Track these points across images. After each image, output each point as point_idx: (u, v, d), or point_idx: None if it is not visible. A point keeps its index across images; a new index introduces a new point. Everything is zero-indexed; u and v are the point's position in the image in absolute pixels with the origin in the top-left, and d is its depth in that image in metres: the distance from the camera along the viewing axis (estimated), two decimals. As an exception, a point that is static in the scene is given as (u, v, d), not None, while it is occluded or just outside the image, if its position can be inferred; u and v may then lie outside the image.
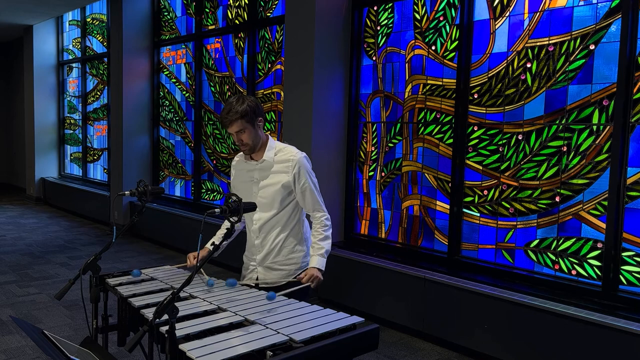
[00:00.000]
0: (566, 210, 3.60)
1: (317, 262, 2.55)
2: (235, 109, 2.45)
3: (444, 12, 4.24)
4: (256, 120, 2.51)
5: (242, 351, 1.76)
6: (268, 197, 2.59)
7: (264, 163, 2.59)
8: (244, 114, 2.46)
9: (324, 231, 2.61)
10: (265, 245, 2.65)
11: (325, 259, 2.58)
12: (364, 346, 2.04)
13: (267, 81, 5.86)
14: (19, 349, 3.79)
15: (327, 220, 2.63)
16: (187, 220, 6.50)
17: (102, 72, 9.05)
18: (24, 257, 6.35)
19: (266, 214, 2.62)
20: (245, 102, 2.48)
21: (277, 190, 2.57)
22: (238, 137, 2.53)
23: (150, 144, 7.82)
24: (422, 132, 4.43)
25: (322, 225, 2.61)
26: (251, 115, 2.48)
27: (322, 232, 2.61)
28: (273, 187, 2.58)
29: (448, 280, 3.90)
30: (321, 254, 2.57)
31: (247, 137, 2.51)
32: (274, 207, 2.60)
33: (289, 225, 2.64)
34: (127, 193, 2.59)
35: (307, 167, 2.59)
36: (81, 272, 2.33)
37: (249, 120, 2.48)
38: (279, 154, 2.59)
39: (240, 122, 2.46)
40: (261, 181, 2.61)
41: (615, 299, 3.31)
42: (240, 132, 2.49)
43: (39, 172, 10.43)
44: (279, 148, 2.61)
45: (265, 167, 2.59)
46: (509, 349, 3.57)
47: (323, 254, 2.57)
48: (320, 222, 2.62)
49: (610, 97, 3.36)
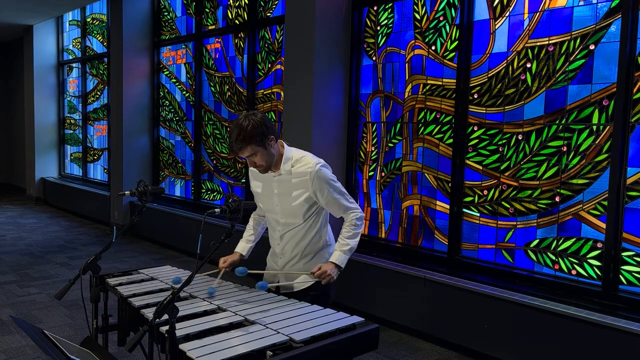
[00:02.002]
0: (566, 210, 3.60)
1: (337, 257, 2.47)
2: (242, 135, 2.31)
3: (444, 12, 4.24)
4: (266, 140, 2.36)
5: (242, 351, 1.76)
6: (289, 209, 2.51)
7: (281, 176, 2.48)
8: (252, 139, 2.31)
9: (352, 229, 2.52)
10: (286, 253, 2.61)
11: (347, 256, 2.49)
12: (364, 346, 2.04)
13: (267, 81, 5.86)
14: (19, 349, 3.79)
15: (357, 220, 2.53)
16: (187, 220, 6.50)
17: (102, 72, 9.05)
18: (24, 257, 6.35)
19: (288, 225, 2.55)
20: (250, 123, 2.32)
21: (298, 204, 2.48)
22: (250, 160, 2.41)
23: (150, 144, 7.82)
24: (422, 132, 4.43)
25: (352, 224, 2.52)
26: (260, 137, 2.33)
27: (351, 230, 2.52)
28: (294, 201, 2.48)
29: (448, 280, 3.90)
30: (343, 250, 2.48)
31: (260, 159, 2.39)
32: (295, 219, 2.53)
33: (310, 234, 2.56)
34: (127, 193, 2.59)
35: (326, 178, 2.45)
36: (81, 272, 2.34)
37: (258, 143, 2.33)
38: (296, 165, 2.47)
39: (250, 147, 2.33)
40: (281, 194, 2.51)
41: (615, 299, 3.31)
42: (252, 155, 2.38)
43: (39, 172, 10.43)
44: (296, 158, 2.48)
45: (283, 180, 2.49)
46: (509, 349, 3.57)
47: (346, 251, 2.48)
48: (350, 222, 2.53)
49: (610, 97, 3.36)
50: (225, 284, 2.57)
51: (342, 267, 2.48)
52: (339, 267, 2.47)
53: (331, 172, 2.50)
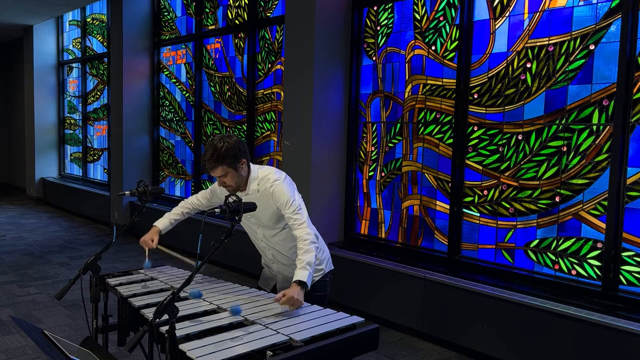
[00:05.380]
0: (566, 210, 3.60)
1: (300, 275, 2.31)
2: (216, 155, 2.42)
3: (444, 12, 4.24)
4: (238, 163, 2.48)
5: (242, 351, 1.76)
6: (263, 222, 2.61)
7: (248, 195, 2.57)
8: (224, 159, 2.43)
9: (304, 245, 2.42)
10: (277, 258, 2.70)
11: (308, 271, 2.33)
12: (364, 346, 2.04)
13: (267, 81, 5.86)
14: (19, 349, 3.79)
15: (307, 235, 2.45)
16: (187, 220, 6.49)
17: (102, 72, 9.05)
18: (24, 257, 6.35)
19: (268, 234, 2.65)
20: (224, 145, 2.43)
21: (269, 217, 2.58)
22: (220, 180, 2.52)
23: (150, 144, 7.82)
24: (422, 132, 4.43)
25: (302, 240, 2.44)
26: (232, 159, 2.45)
27: (303, 247, 2.42)
28: (264, 216, 2.58)
29: (448, 280, 3.90)
30: (303, 267, 2.34)
31: (230, 179, 2.50)
32: (273, 230, 2.62)
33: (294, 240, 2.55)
34: (127, 193, 2.59)
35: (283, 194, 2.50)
36: (81, 272, 2.34)
37: (230, 164, 2.45)
38: (261, 183, 2.56)
39: (221, 167, 2.45)
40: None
41: (615, 299, 3.31)
42: (223, 176, 2.48)
43: (39, 172, 10.43)
44: (261, 177, 2.58)
45: (251, 198, 2.54)
46: (509, 348, 3.57)
47: (304, 266, 2.34)
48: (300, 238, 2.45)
49: (610, 97, 3.36)
50: (225, 284, 2.57)
51: (307, 284, 2.31)
52: (304, 285, 2.29)
53: (291, 187, 2.56)
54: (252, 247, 2.88)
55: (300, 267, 2.35)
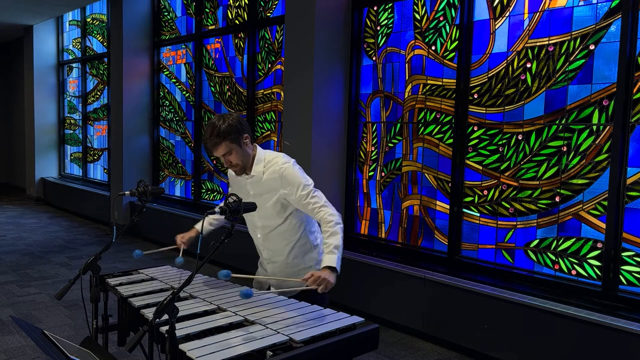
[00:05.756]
0: (566, 210, 3.60)
1: (327, 260, 2.28)
2: (217, 132, 2.33)
3: (444, 12, 4.24)
4: (241, 138, 2.38)
5: (242, 351, 1.76)
6: (264, 211, 2.50)
7: (253, 178, 2.48)
8: (227, 135, 2.33)
9: (329, 227, 2.35)
10: (273, 258, 2.60)
11: (336, 254, 2.29)
12: (364, 346, 2.04)
13: (267, 81, 5.86)
14: (19, 349, 3.79)
15: (330, 216, 2.37)
16: (187, 220, 6.50)
17: (102, 72, 9.05)
18: (24, 257, 6.35)
19: (267, 227, 2.54)
20: (226, 121, 2.34)
21: (272, 204, 2.47)
22: (226, 159, 2.41)
23: (150, 144, 7.82)
24: (422, 132, 4.43)
25: (326, 222, 2.37)
26: (235, 134, 2.35)
27: (327, 229, 2.36)
28: (267, 202, 2.47)
29: (448, 280, 3.90)
30: (329, 251, 2.30)
31: (235, 157, 2.40)
32: (273, 220, 2.51)
33: (294, 237, 2.53)
34: (127, 193, 2.59)
35: (295, 177, 2.41)
36: (81, 272, 2.33)
37: (233, 139, 2.35)
38: (267, 166, 2.46)
39: (224, 144, 2.35)
40: (255, 196, 2.49)
41: (615, 299, 3.31)
42: (227, 154, 2.38)
43: (39, 172, 10.43)
44: (268, 159, 2.47)
45: (256, 181, 2.48)
46: (509, 349, 3.57)
47: (331, 250, 2.30)
48: (324, 220, 2.38)
49: (610, 97, 3.36)
50: (225, 284, 2.57)
51: (337, 268, 2.28)
52: (333, 269, 2.26)
53: (301, 172, 2.45)
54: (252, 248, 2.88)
55: (328, 252, 2.29)
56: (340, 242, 2.33)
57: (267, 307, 2.20)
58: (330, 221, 2.36)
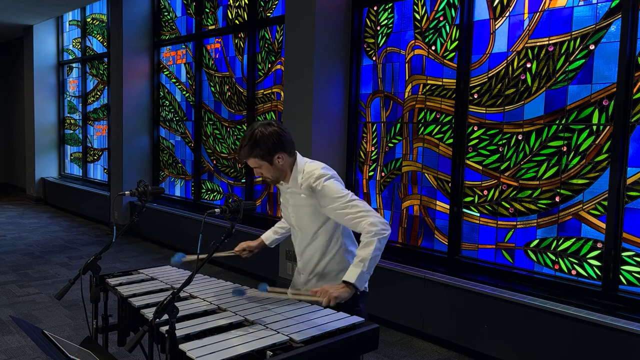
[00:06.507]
0: (566, 210, 3.60)
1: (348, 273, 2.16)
2: (248, 145, 2.23)
3: (444, 12, 4.24)
4: (274, 156, 2.26)
5: (242, 351, 1.76)
6: (301, 221, 2.44)
7: (292, 189, 2.41)
8: (254, 151, 2.24)
9: (365, 238, 2.21)
10: (307, 269, 2.52)
11: (360, 269, 2.15)
12: (364, 346, 2.04)
13: (267, 81, 5.86)
14: (19, 349, 3.79)
15: (370, 226, 2.20)
16: (187, 220, 6.50)
17: (102, 72, 9.05)
18: (24, 257, 6.35)
19: (304, 238, 2.47)
20: (258, 134, 2.22)
21: (308, 217, 2.39)
22: (257, 171, 2.34)
23: (150, 144, 7.82)
24: (422, 132, 4.43)
25: (365, 232, 2.21)
26: (264, 152, 2.23)
27: (364, 239, 2.21)
28: (304, 212, 2.40)
29: (448, 280, 3.90)
30: (355, 264, 2.17)
31: (266, 172, 2.33)
32: (310, 231, 2.43)
33: (330, 252, 2.44)
34: (127, 193, 2.58)
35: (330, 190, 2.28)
36: (81, 272, 2.33)
37: (262, 157, 2.25)
38: (305, 177, 2.35)
39: (252, 159, 2.27)
40: (294, 206, 2.44)
41: (615, 299, 3.31)
42: (257, 167, 2.32)
43: (39, 172, 10.43)
44: (307, 170, 2.35)
45: (295, 192, 2.41)
46: (509, 348, 3.57)
47: (357, 263, 2.17)
48: (364, 231, 2.22)
49: (610, 97, 3.36)
50: (225, 283, 2.57)
51: (355, 283, 2.13)
52: (350, 284, 2.13)
53: (338, 182, 2.35)
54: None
55: (354, 264, 2.18)
56: (369, 254, 2.17)
57: (267, 307, 2.20)
58: (369, 231, 2.20)
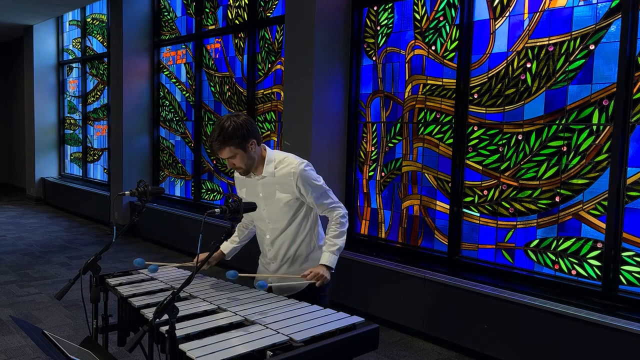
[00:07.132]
0: (566, 210, 3.60)
1: (327, 259, 2.46)
2: (222, 135, 2.30)
3: (444, 12, 4.24)
4: (247, 143, 2.36)
5: (242, 351, 1.76)
6: (275, 213, 2.52)
7: (265, 179, 2.48)
8: (231, 139, 2.31)
9: (338, 227, 2.51)
10: (278, 257, 2.60)
11: (336, 256, 2.49)
12: (364, 346, 2.04)
13: (267, 81, 5.86)
14: (19, 349, 3.79)
15: (342, 218, 2.53)
16: (187, 220, 6.50)
17: (102, 72, 9.05)
18: (24, 257, 6.35)
19: (276, 229, 2.55)
20: (232, 124, 2.31)
21: (283, 206, 2.49)
22: (229, 162, 2.41)
23: (150, 144, 7.82)
24: (422, 132, 4.43)
25: (337, 222, 2.52)
26: (240, 139, 2.32)
27: (337, 229, 2.51)
28: (279, 204, 2.49)
29: (448, 280, 3.90)
30: (332, 251, 2.48)
31: (239, 161, 2.39)
32: (282, 222, 2.53)
33: (299, 237, 2.56)
34: (127, 193, 2.59)
35: (309, 178, 2.46)
36: (81, 272, 2.33)
37: (238, 145, 2.33)
38: (279, 166, 2.47)
39: (228, 148, 2.33)
40: (266, 197, 2.51)
41: (615, 299, 3.31)
42: (231, 157, 2.38)
43: (39, 172, 10.43)
44: (279, 160, 2.49)
45: (267, 183, 2.48)
46: (509, 348, 3.57)
47: (334, 251, 2.48)
48: (335, 220, 2.53)
49: (610, 97, 3.36)
50: (225, 283, 2.57)
51: (333, 268, 2.48)
52: (330, 268, 2.47)
53: (314, 171, 2.52)
54: (251, 247, 2.88)
55: (331, 252, 2.48)
56: (343, 244, 2.52)
57: (267, 307, 2.21)
58: (340, 222, 2.53)
